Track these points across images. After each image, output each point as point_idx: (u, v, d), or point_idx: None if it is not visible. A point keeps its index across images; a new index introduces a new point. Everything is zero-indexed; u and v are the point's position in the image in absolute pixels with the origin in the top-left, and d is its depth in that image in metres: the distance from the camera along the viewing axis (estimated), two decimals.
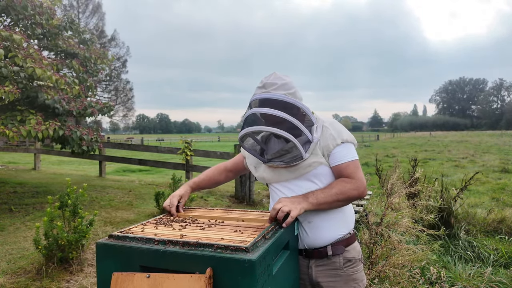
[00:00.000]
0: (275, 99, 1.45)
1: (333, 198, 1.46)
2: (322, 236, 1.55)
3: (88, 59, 7.76)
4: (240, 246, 1.09)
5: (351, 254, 1.59)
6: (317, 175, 1.54)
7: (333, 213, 1.57)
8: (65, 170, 12.08)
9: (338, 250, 1.55)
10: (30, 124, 5.18)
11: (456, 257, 3.66)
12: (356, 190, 1.48)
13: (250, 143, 1.66)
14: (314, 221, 1.55)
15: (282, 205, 1.39)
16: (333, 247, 1.55)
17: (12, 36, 5.13)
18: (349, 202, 1.53)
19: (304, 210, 1.42)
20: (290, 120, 1.42)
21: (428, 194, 3.94)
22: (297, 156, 1.50)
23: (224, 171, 1.86)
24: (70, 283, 3.21)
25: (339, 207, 1.53)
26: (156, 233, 1.28)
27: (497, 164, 12.30)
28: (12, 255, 3.83)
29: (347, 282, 1.56)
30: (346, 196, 1.47)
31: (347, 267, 1.57)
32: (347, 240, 1.59)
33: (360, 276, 1.60)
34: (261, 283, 1.07)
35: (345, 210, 1.62)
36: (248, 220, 1.48)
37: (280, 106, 1.45)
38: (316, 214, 1.55)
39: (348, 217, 1.63)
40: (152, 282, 1.09)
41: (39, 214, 5.44)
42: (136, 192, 7.46)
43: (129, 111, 44.32)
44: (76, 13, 34.53)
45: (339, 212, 1.59)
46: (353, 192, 1.48)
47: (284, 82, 1.50)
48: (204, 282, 1.03)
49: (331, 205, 1.48)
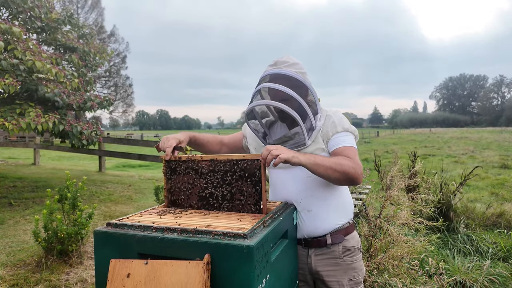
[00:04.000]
0: (286, 75, 1.45)
1: (330, 165, 1.38)
2: (321, 225, 1.55)
3: (87, 54, 7.73)
4: (239, 233, 1.08)
5: (350, 243, 1.58)
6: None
7: (332, 202, 1.56)
8: (65, 165, 12.08)
9: (337, 239, 1.55)
10: (30, 117, 5.16)
11: (455, 251, 3.67)
12: (353, 169, 1.40)
13: (254, 124, 1.65)
14: (314, 210, 1.55)
15: (274, 148, 1.33)
16: (332, 236, 1.55)
17: (11, 29, 5.10)
18: (344, 178, 1.40)
19: (297, 160, 1.33)
20: (297, 99, 1.41)
21: (427, 187, 3.94)
22: (300, 142, 1.51)
23: (220, 143, 1.80)
24: (69, 275, 3.22)
25: (333, 179, 1.41)
26: (154, 221, 1.28)
27: (496, 160, 12.29)
28: (11, 248, 3.84)
29: (346, 271, 1.56)
30: (343, 169, 1.38)
31: (346, 256, 1.57)
32: (346, 229, 1.59)
33: (359, 265, 1.60)
34: (259, 269, 1.07)
35: (344, 200, 1.61)
36: None
37: (290, 83, 1.43)
38: (315, 203, 1.54)
39: (347, 207, 1.63)
40: (150, 268, 1.09)
41: (39, 208, 5.44)
42: (135, 187, 7.47)
43: (128, 107, 44.21)
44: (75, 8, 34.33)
45: (338, 201, 1.58)
46: (351, 170, 1.39)
47: (295, 62, 1.51)
48: (202, 268, 1.03)
49: (327, 171, 1.38)
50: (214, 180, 1.45)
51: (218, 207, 1.45)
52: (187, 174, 1.49)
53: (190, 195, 1.49)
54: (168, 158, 1.49)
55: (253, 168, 1.39)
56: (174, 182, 1.52)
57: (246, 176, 1.40)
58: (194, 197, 1.49)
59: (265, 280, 1.12)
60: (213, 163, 1.45)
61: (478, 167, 4.96)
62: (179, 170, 1.51)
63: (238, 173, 1.41)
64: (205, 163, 1.46)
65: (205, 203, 1.47)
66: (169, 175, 1.53)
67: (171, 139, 1.51)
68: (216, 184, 1.45)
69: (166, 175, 1.53)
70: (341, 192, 1.61)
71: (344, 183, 1.45)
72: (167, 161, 1.51)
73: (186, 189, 1.49)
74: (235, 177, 1.42)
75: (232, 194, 1.43)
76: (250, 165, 1.39)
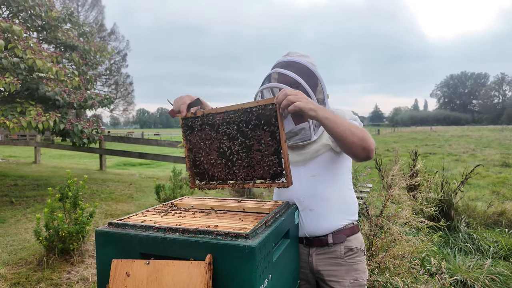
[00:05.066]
0: (299, 63, 1.46)
1: (350, 126, 1.28)
2: (323, 225, 1.53)
3: (87, 52, 7.72)
4: (240, 233, 1.08)
5: (352, 243, 1.55)
6: (325, 162, 1.52)
7: (335, 202, 1.54)
8: (66, 163, 12.09)
9: (339, 239, 1.53)
10: (30, 115, 5.17)
11: (456, 249, 3.67)
12: (368, 138, 1.30)
13: None
14: (316, 209, 1.53)
15: (293, 93, 1.22)
16: (334, 236, 1.53)
17: (12, 27, 5.09)
18: (359, 144, 1.29)
19: (313, 114, 1.23)
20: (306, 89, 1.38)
21: (428, 186, 3.94)
22: (305, 138, 1.50)
23: None
24: (71, 274, 3.23)
25: (348, 143, 1.29)
26: (155, 221, 1.28)
27: (497, 159, 12.28)
28: (13, 247, 3.85)
29: (348, 271, 1.53)
30: (362, 134, 1.28)
31: (348, 257, 1.54)
32: (349, 229, 1.57)
33: (362, 267, 1.57)
34: (261, 270, 1.07)
35: (347, 200, 1.59)
36: (249, 209, 1.48)
37: (301, 72, 1.42)
38: (318, 202, 1.53)
39: (351, 207, 1.60)
40: (152, 268, 1.09)
41: (40, 206, 5.45)
42: (136, 185, 7.48)
43: (129, 105, 44.23)
44: (75, 6, 34.28)
45: (342, 201, 1.56)
46: (368, 138, 1.30)
47: (308, 55, 1.55)
48: (204, 269, 1.03)
49: (345, 132, 1.26)
50: (230, 132, 1.37)
51: (238, 161, 1.38)
52: (204, 130, 1.43)
53: (209, 152, 1.43)
54: (184, 114, 1.43)
55: (268, 114, 1.29)
56: (193, 140, 1.47)
57: (262, 123, 1.31)
58: (213, 153, 1.43)
59: (267, 280, 1.11)
60: (227, 114, 1.37)
61: (479, 165, 4.95)
62: (195, 126, 1.44)
63: (253, 122, 1.33)
64: (219, 116, 1.39)
65: (225, 158, 1.41)
66: (187, 134, 1.48)
67: (183, 97, 1.46)
68: (233, 136, 1.37)
69: (185, 134, 1.48)
70: (345, 192, 1.59)
71: (357, 151, 1.31)
72: (183, 119, 1.45)
73: (205, 145, 1.44)
74: (251, 126, 1.33)
75: (249, 146, 1.35)
76: (265, 111, 1.30)
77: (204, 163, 1.46)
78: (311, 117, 1.24)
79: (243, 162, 1.38)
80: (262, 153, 1.34)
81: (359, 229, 1.62)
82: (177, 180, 5.42)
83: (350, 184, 1.63)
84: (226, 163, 1.42)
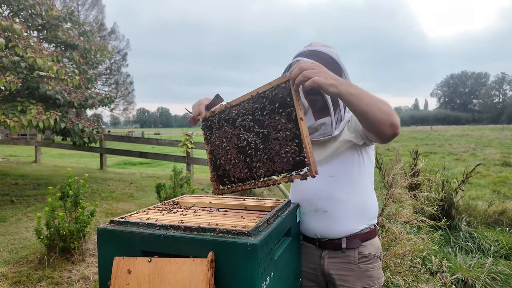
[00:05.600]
0: (322, 52, 1.38)
1: (374, 100, 1.11)
2: (336, 228, 1.43)
3: (88, 51, 7.73)
4: (242, 230, 1.08)
5: (368, 249, 1.45)
6: (345, 161, 1.42)
7: (352, 206, 1.43)
8: (66, 163, 12.10)
9: (354, 244, 1.43)
10: (31, 114, 5.17)
11: (456, 248, 3.67)
12: (394, 112, 1.15)
13: None
14: (330, 212, 1.43)
15: (310, 67, 1.06)
16: (348, 241, 1.43)
17: (12, 26, 5.10)
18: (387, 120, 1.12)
19: (335, 90, 1.07)
20: None
21: (429, 185, 3.94)
22: (326, 133, 1.42)
23: None
24: (72, 272, 3.23)
25: (376, 120, 1.12)
26: (157, 219, 1.28)
27: (498, 158, 12.28)
28: (14, 245, 3.85)
29: (360, 278, 1.44)
30: (390, 110, 1.13)
31: (362, 263, 1.45)
32: (365, 234, 1.46)
33: (376, 273, 1.47)
34: (263, 267, 1.06)
35: (367, 203, 1.48)
36: (250, 207, 1.48)
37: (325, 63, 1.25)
38: (333, 205, 1.43)
39: (370, 211, 1.49)
40: (154, 266, 1.09)
41: (41, 205, 5.45)
42: (137, 184, 7.48)
43: (129, 105, 44.28)
44: (76, 5, 34.28)
45: (360, 204, 1.45)
46: (393, 111, 1.15)
47: (330, 46, 1.45)
48: (206, 266, 1.03)
49: (372, 107, 1.10)
50: (246, 124, 1.27)
51: (256, 155, 1.26)
52: (222, 127, 1.35)
53: (229, 151, 1.35)
54: (203, 115, 1.37)
55: (281, 95, 1.16)
56: (213, 140, 1.40)
57: (277, 107, 1.18)
58: (232, 151, 1.34)
59: (269, 278, 1.11)
60: (241, 105, 1.28)
61: (479, 165, 4.95)
62: (214, 125, 1.37)
63: (268, 108, 1.20)
64: (235, 108, 1.30)
65: (243, 154, 1.31)
66: (208, 135, 1.41)
67: (200, 100, 1.40)
68: (249, 128, 1.26)
69: (206, 136, 1.41)
70: (365, 195, 1.47)
71: (384, 128, 1.14)
72: (203, 120, 1.39)
73: (224, 144, 1.36)
74: (266, 112, 1.21)
75: (266, 135, 1.23)
76: (278, 92, 1.17)
77: (225, 165, 1.38)
78: (333, 94, 1.07)
79: (262, 156, 1.25)
80: (280, 142, 1.19)
81: (376, 234, 1.51)
82: (178, 179, 5.42)
83: (370, 186, 1.52)
84: (245, 160, 1.30)
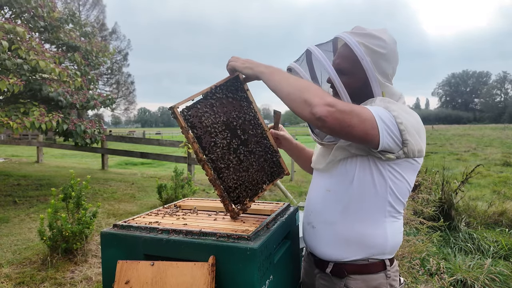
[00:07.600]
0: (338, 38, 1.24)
1: (287, 76, 1.12)
2: (322, 250, 1.26)
3: (89, 52, 7.77)
4: (242, 235, 1.11)
5: (357, 285, 1.19)
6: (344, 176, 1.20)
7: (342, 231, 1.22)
8: (68, 163, 12.14)
9: (339, 273, 1.22)
10: (34, 116, 5.21)
11: (456, 249, 3.69)
12: (317, 91, 1.02)
13: None
14: (318, 229, 1.28)
15: (233, 60, 1.29)
16: (335, 266, 1.23)
17: (15, 28, 5.13)
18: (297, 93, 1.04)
19: (249, 72, 1.22)
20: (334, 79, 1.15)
21: (429, 186, 3.95)
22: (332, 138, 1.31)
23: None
24: (74, 273, 3.26)
25: (282, 92, 1.08)
26: (159, 223, 1.31)
27: (499, 158, 12.28)
28: (17, 246, 3.89)
29: None
30: (304, 84, 1.06)
31: None
32: (358, 266, 1.20)
33: None
34: (263, 271, 1.09)
35: (366, 232, 1.19)
36: (250, 210, 1.51)
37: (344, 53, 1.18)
38: (321, 223, 1.27)
39: (373, 242, 1.20)
40: (156, 269, 1.12)
41: (43, 206, 5.49)
42: (138, 185, 7.51)
43: (130, 105, 44.37)
44: (77, 5, 34.33)
45: (353, 231, 1.20)
46: (313, 89, 1.03)
47: (374, 35, 1.14)
48: (207, 270, 1.06)
49: (277, 79, 1.12)
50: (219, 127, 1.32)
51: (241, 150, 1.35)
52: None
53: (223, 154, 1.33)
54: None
55: (233, 83, 1.36)
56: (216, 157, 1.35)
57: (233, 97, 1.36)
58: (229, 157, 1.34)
59: (269, 281, 1.14)
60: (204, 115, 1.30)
61: (479, 165, 4.97)
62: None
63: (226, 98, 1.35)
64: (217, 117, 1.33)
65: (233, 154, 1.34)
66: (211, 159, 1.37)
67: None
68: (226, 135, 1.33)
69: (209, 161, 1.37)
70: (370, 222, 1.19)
71: (297, 104, 1.04)
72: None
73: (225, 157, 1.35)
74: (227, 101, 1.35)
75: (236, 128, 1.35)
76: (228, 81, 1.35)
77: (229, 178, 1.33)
78: (248, 75, 1.24)
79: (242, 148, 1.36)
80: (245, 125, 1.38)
81: (377, 270, 1.21)
82: (179, 180, 5.46)
83: (383, 214, 1.19)
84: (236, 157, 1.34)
